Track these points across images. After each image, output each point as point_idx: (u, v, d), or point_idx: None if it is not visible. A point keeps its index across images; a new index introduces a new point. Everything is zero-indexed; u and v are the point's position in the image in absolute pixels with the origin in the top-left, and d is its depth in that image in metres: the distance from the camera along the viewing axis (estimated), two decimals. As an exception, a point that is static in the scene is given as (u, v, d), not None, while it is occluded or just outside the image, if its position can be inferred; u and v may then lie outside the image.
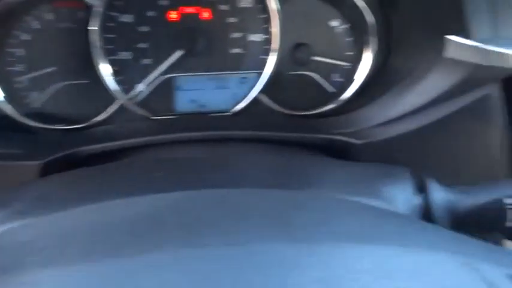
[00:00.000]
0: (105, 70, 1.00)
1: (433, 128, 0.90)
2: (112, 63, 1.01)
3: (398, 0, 1.01)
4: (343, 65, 1.12)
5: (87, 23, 0.99)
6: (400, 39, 1.05)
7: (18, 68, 1.01)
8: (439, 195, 0.59)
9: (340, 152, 0.97)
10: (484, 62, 0.76)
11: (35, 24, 1.00)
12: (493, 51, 0.75)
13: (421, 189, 0.62)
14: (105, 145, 0.86)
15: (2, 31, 0.97)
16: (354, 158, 0.94)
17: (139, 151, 0.91)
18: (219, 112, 1.08)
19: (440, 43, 0.82)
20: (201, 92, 1.08)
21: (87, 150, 0.85)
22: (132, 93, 1.04)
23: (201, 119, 1.06)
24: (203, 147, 0.95)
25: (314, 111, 1.09)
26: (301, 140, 1.01)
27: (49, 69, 1.01)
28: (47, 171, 0.78)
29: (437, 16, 0.92)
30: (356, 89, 1.08)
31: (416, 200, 0.60)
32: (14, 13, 0.97)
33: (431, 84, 0.89)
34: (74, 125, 1.01)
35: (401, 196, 0.59)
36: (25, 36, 1.00)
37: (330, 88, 1.13)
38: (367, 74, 1.06)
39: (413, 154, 0.92)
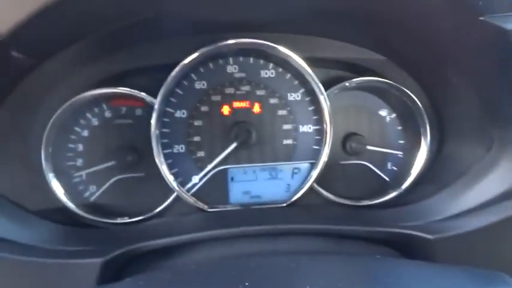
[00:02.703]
0: (162, 163, 1.00)
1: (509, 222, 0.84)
2: (167, 156, 1.03)
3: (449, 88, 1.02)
4: (396, 154, 1.11)
5: (142, 119, 1.03)
6: (453, 126, 1.05)
7: (78, 163, 1.03)
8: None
9: (407, 246, 0.90)
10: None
11: (94, 121, 1.05)
12: None
13: None
14: (164, 241, 0.83)
15: (66, 128, 1.01)
16: (424, 254, 0.87)
17: (196, 246, 0.88)
18: (273, 203, 1.06)
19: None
20: (254, 183, 1.07)
21: (147, 247, 0.83)
22: (188, 185, 1.04)
23: (255, 211, 1.03)
24: (261, 244, 0.90)
25: (374, 201, 1.06)
26: (364, 233, 0.95)
27: (107, 164, 1.02)
28: (107, 267, 0.76)
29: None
30: (414, 178, 1.05)
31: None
32: (78, 111, 1.01)
33: (499, 179, 0.86)
34: (131, 218, 1.00)
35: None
36: (85, 133, 1.04)
37: (385, 177, 1.11)
38: (424, 163, 1.04)
39: (489, 251, 0.85)
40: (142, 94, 1.00)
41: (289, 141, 1.08)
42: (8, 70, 0.79)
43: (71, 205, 0.98)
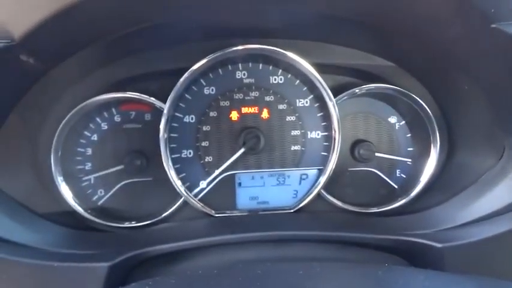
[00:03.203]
0: (170, 168, 1.01)
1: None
2: (175, 161, 1.03)
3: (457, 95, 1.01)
4: (405, 161, 1.11)
5: (151, 124, 1.04)
6: (463, 134, 1.04)
7: (87, 166, 1.04)
8: None
9: (415, 255, 0.90)
10: None
11: (103, 125, 1.06)
12: None
13: None
14: (171, 246, 0.84)
15: (76, 132, 1.02)
16: (432, 263, 0.86)
17: (203, 251, 0.88)
18: (280, 209, 1.06)
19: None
20: (262, 189, 1.07)
21: (154, 251, 0.83)
22: (195, 190, 1.04)
23: (262, 217, 1.03)
24: (267, 250, 0.90)
25: (382, 209, 1.05)
26: (371, 241, 0.94)
27: (115, 168, 1.03)
28: (114, 271, 0.76)
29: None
30: (423, 186, 1.04)
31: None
32: (88, 115, 1.02)
33: (509, 188, 0.84)
34: (139, 222, 1.00)
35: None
36: (94, 137, 1.05)
37: (394, 185, 1.10)
38: (433, 171, 1.03)
39: (498, 260, 0.84)
40: (152, 99, 1.01)
41: (297, 147, 1.08)
42: (20, 75, 0.80)
43: (79, 209, 0.99)
